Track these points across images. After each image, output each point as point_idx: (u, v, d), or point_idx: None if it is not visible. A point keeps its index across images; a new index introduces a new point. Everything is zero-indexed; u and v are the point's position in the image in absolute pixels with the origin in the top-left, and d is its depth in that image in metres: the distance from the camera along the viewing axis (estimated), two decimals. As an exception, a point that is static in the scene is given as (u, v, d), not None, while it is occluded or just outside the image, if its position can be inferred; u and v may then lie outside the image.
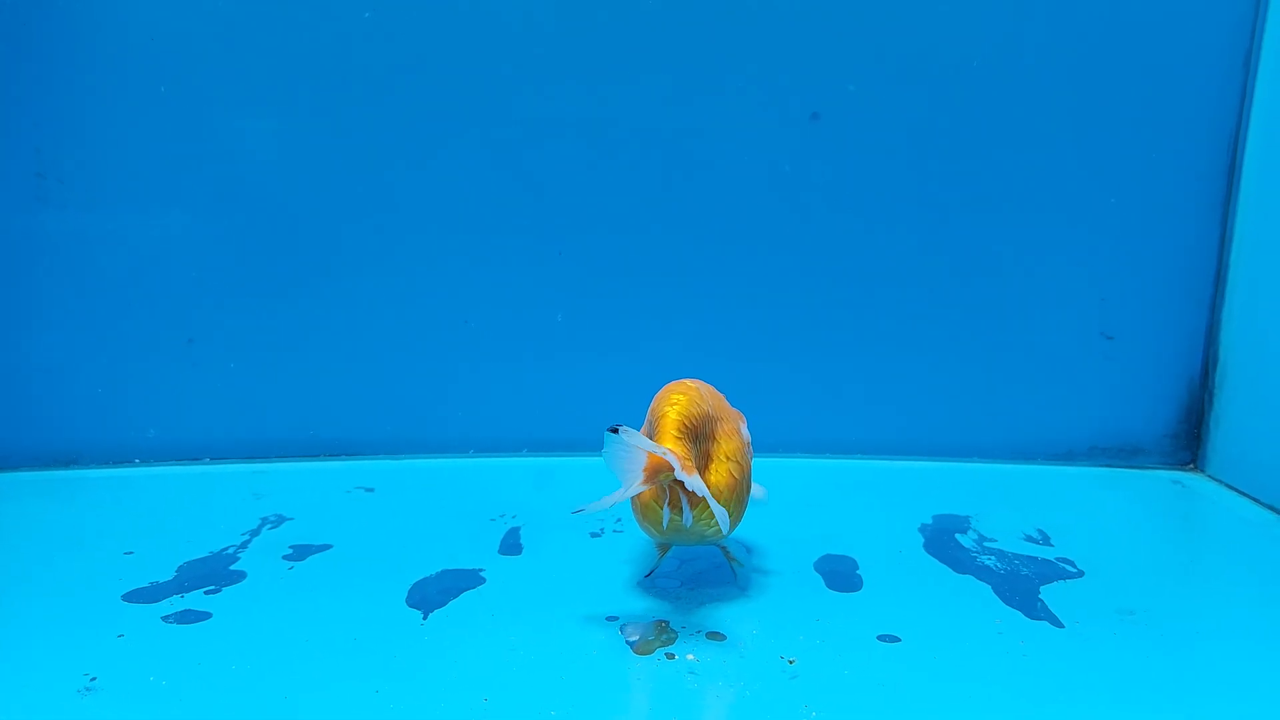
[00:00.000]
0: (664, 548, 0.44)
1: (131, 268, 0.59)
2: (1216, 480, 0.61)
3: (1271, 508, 0.56)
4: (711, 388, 0.44)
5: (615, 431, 0.37)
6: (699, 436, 0.40)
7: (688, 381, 0.42)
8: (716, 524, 0.40)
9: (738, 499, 0.41)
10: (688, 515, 0.38)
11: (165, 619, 0.40)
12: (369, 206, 0.60)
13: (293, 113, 0.59)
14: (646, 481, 0.37)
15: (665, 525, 0.39)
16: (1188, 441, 0.63)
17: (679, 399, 0.40)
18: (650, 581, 0.44)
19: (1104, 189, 0.60)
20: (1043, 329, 0.61)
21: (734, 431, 0.42)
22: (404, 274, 0.61)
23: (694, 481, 0.37)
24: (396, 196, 0.60)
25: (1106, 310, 0.61)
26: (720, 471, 0.41)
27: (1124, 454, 0.63)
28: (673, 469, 0.37)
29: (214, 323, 0.60)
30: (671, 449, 0.38)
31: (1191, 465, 0.63)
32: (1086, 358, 0.62)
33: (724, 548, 0.45)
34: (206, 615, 0.41)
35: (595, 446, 0.39)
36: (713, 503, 0.38)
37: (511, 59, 0.59)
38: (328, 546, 0.48)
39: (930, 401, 0.62)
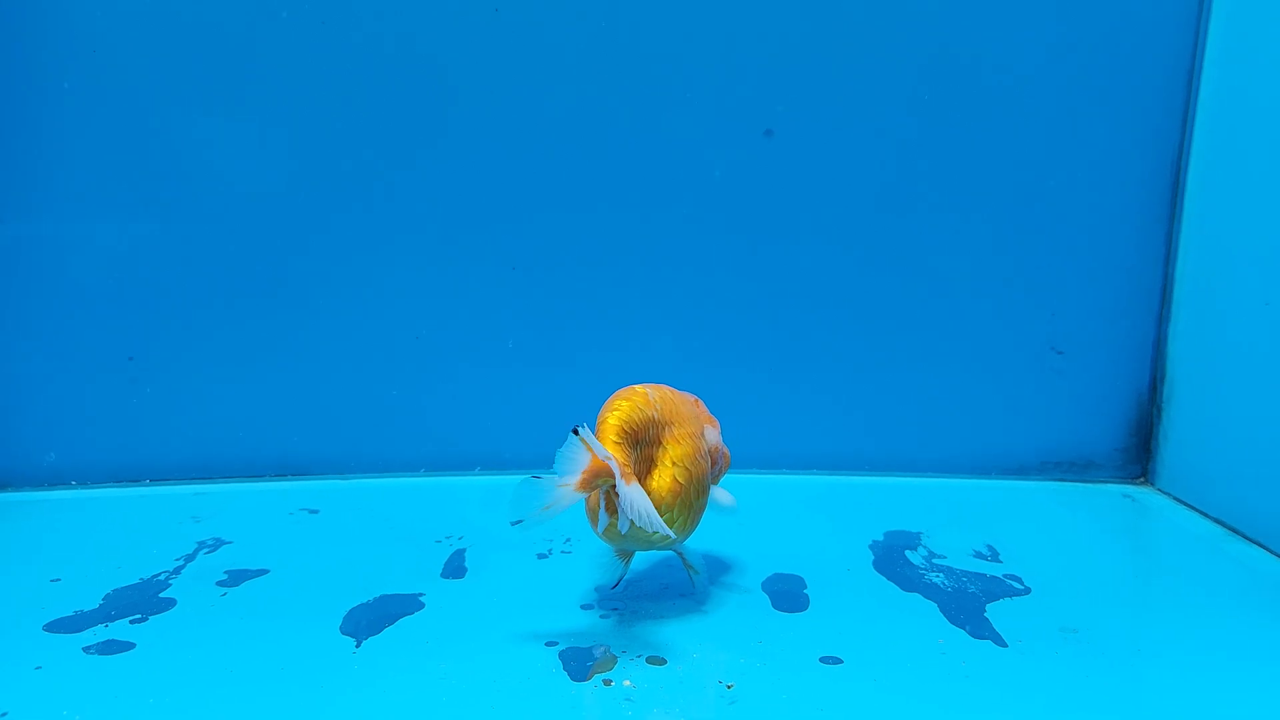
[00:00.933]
0: (626, 555, 0.43)
1: (68, 281, 0.58)
2: (1166, 494, 0.61)
3: (1219, 521, 0.56)
4: (672, 392, 0.43)
5: (576, 432, 0.37)
6: (641, 442, 0.40)
7: (637, 387, 0.42)
8: (660, 530, 0.39)
9: (683, 505, 0.41)
10: (623, 522, 0.38)
11: (87, 650, 0.39)
12: (316, 220, 0.59)
13: (240, 125, 0.58)
14: (582, 487, 0.37)
15: (601, 530, 0.39)
16: (1138, 455, 0.63)
17: (621, 405, 0.40)
18: (595, 600, 0.44)
19: (1050, 204, 0.60)
20: (993, 344, 0.62)
21: (687, 436, 0.42)
22: (353, 287, 0.60)
23: (632, 490, 0.37)
24: (344, 210, 0.59)
25: (1056, 325, 0.61)
26: (663, 477, 0.40)
27: (1076, 468, 0.63)
28: (613, 475, 0.37)
29: (155, 339, 0.59)
30: (611, 455, 0.38)
31: (1142, 479, 0.63)
32: (1037, 372, 0.62)
33: (681, 555, 0.44)
34: (130, 646, 0.39)
35: (550, 463, 0.39)
36: (639, 514, 0.37)
37: (464, 75, 0.59)
38: (264, 572, 0.47)
39: (883, 417, 0.62)
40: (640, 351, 0.61)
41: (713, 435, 0.45)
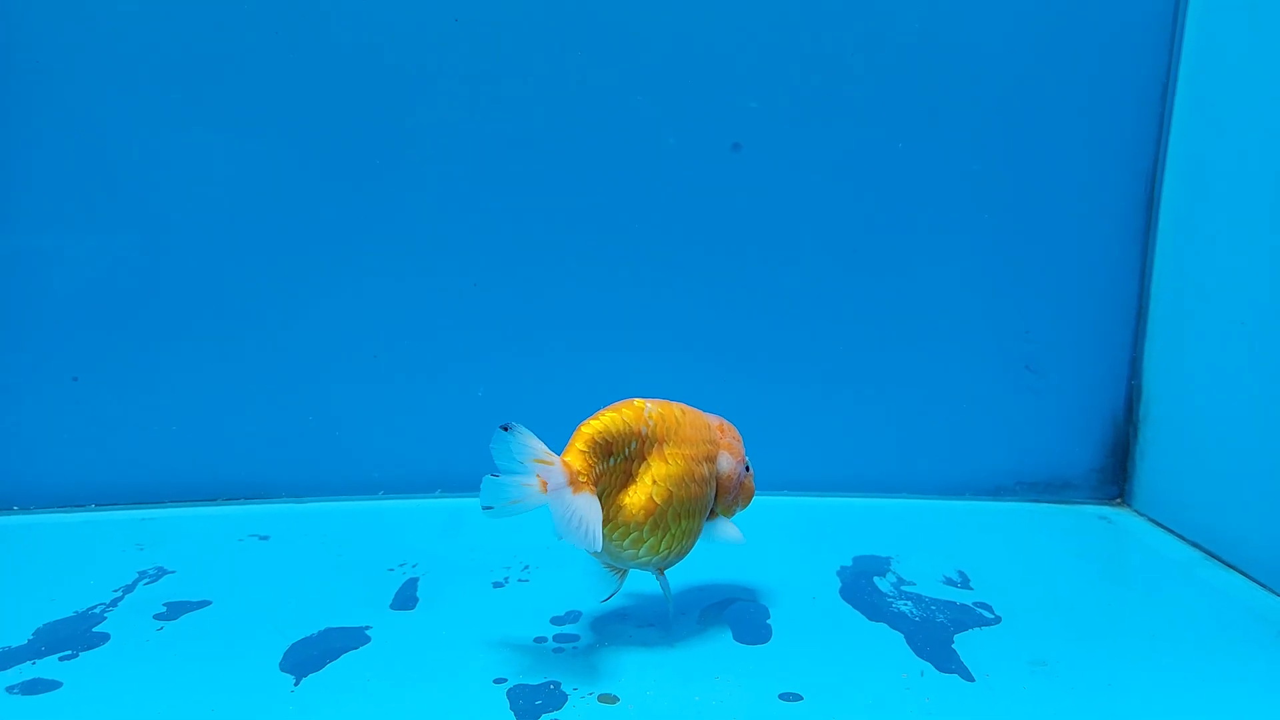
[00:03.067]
0: (620, 572, 0.42)
1: (8, 297, 0.56)
2: (1143, 515, 0.60)
3: (1195, 544, 0.55)
4: (683, 411, 0.42)
5: (507, 430, 0.36)
6: (616, 455, 0.39)
7: (637, 400, 0.41)
8: (631, 547, 0.39)
9: (656, 526, 0.39)
10: (560, 528, 0.36)
11: (10, 690, 0.37)
12: (266, 234, 0.57)
13: (189, 140, 0.56)
14: (546, 489, 0.36)
15: (559, 536, 0.37)
16: (1115, 476, 0.62)
17: (604, 415, 0.39)
18: (550, 634, 0.42)
19: (1025, 221, 0.59)
20: (966, 362, 0.60)
21: (680, 457, 0.40)
22: (309, 303, 0.58)
23: (580, 500, 0.36)
24: (296, 224, 0.58)
25: (1030, 343, 0.60)
26: (638, 494, 0.39)
27: (1052, 489, 0.62)
28: (553, 481, 0.36)
29: (100, 357, 0.57)
30: (570, 461, 0.37)
31: (1119, 500, 0.62)
32: (1011, 391, 0.61)
33: (660, 580, 0.43)
34: (57, 685, 0.37)
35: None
36: (575, 523, 0.36)
37: (422, 86, 0.57)
38: (206, 603, 0.45)
39: (854, 437, 0.61)
40: (604, 368, 0.60)
41: (727, 464, 0.43)
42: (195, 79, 0.55)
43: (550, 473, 0.36)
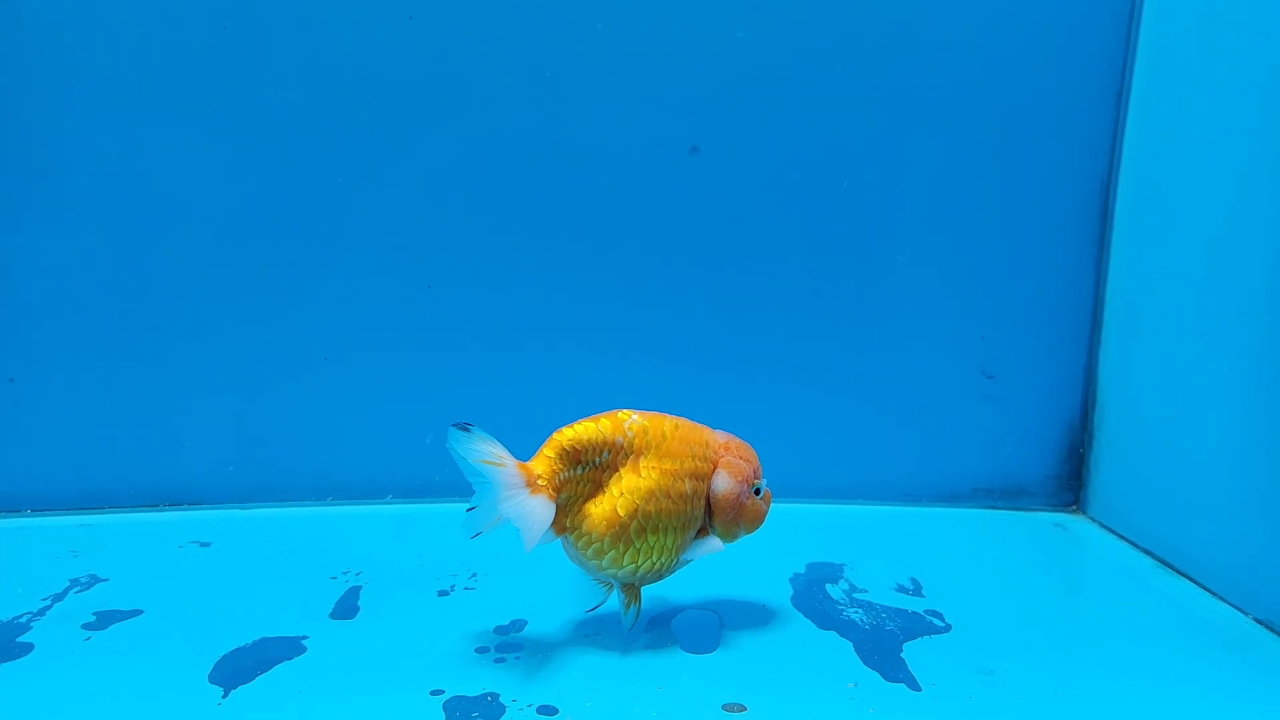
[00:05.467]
0: (608, 585, 0.42)
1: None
2: (1097, 523, 0.60)
3: (1149, 552, 0.55)
4: (675, 426, 0.41)
5: (466, 429, 0.37)
6: (585, 464, 0.39)
7: (622, 411, 0.41)
8: (594, 558, 0.39)
9: (618, 538, 0.39)
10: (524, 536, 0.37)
11: (-78, 704, 0.35)
12: (214, 228, 0.56)
13: (132, 136, 0.55)
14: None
15: (527, 548, 0.38)
16: (1070, 483, 0.62)
17: (580, 424, 0.40)
18: (492, 643, 0.41)
19: (981, 228, 0.59)
20: (923, 367, 0.60)
21: (656, 470, 0.40)
22: (255, 303, 0.57)
23: (534, 502, 0.37)
24: (247, 224, 0.56)
25: (987, 349, 0.60)
26: (602, 504, 0.39)
27: (1008, 495, 0.62)
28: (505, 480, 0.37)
29: (38, 358, 0.55)
30: (531, 465, 0.38)
31: (1074, 507, 0.62)
32: (968, 397, 0.61)
33: (628, 595, 0.42)
34: (-29, 698, 0.36)
35: (464, 492, 0.37)
36: (523, 525, 0.37)
37: (379, 85, 0.56)
38: (138, 613, 0.43)
39: (809, 442, 0.60)
40: (560, 372, 0.59)
41: (723, 483, 0.42)
42: (144, 79, 0.54)
43: (504, 474, 0.37)
